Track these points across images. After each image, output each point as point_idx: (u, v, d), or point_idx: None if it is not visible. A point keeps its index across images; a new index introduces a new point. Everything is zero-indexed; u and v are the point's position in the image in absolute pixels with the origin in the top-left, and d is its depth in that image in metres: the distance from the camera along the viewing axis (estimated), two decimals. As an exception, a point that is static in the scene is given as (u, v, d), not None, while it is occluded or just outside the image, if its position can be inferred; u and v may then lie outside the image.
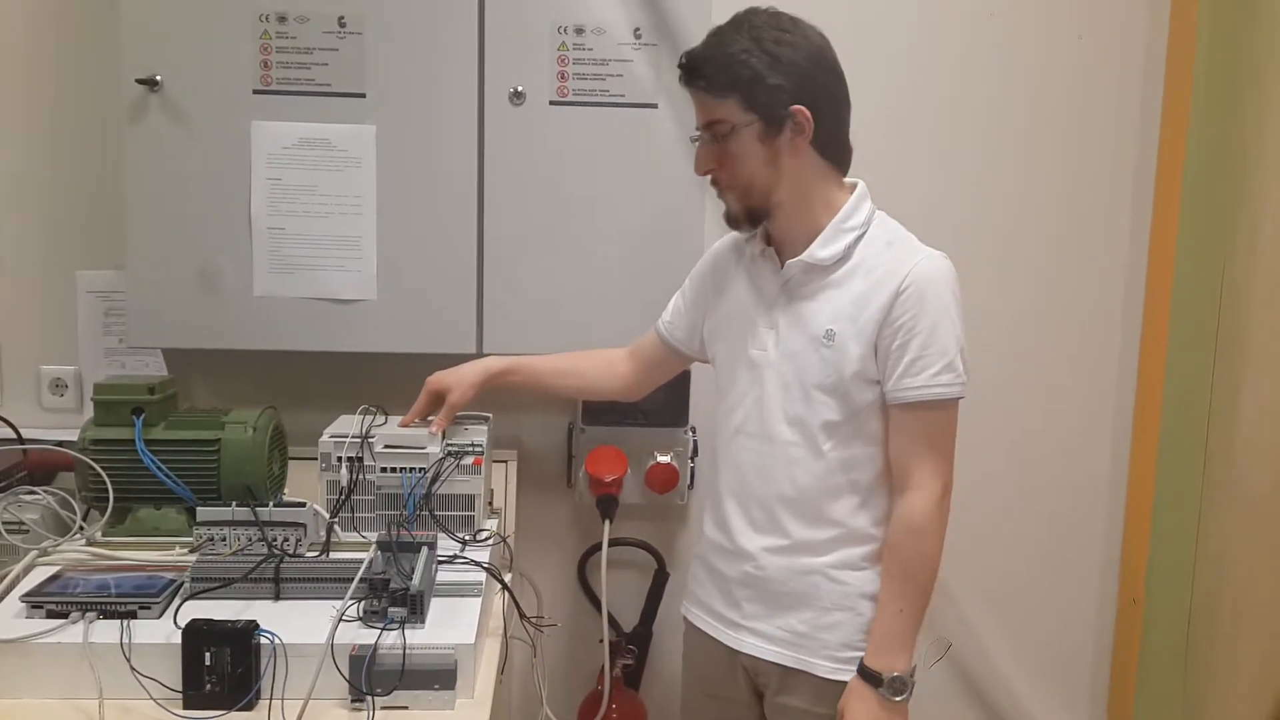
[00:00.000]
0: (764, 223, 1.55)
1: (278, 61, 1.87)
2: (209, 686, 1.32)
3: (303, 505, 1.62)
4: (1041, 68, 2.19)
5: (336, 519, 1.67)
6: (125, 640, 1.34)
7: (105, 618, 1.39)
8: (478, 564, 1.61)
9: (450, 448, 1.71)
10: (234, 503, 1.60)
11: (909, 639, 1.50)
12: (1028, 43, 2.18)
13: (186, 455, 1.68)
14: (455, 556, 1.63)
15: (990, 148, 2.20)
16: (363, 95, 1.89)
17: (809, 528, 1.54)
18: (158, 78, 1.85)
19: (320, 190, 1.90)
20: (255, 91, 1.88)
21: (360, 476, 1.69)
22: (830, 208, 1.53)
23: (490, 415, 1.83)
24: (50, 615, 1.39)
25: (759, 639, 1.58)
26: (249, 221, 1.90)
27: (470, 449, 1.71)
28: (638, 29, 1.91)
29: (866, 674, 1.50)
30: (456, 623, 1.43)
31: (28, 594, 1.41)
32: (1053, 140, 2.21)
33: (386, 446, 1.71)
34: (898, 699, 1.48)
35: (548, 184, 1.93)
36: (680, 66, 1.52)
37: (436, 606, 1.47)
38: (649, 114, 1.93)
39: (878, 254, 1.51)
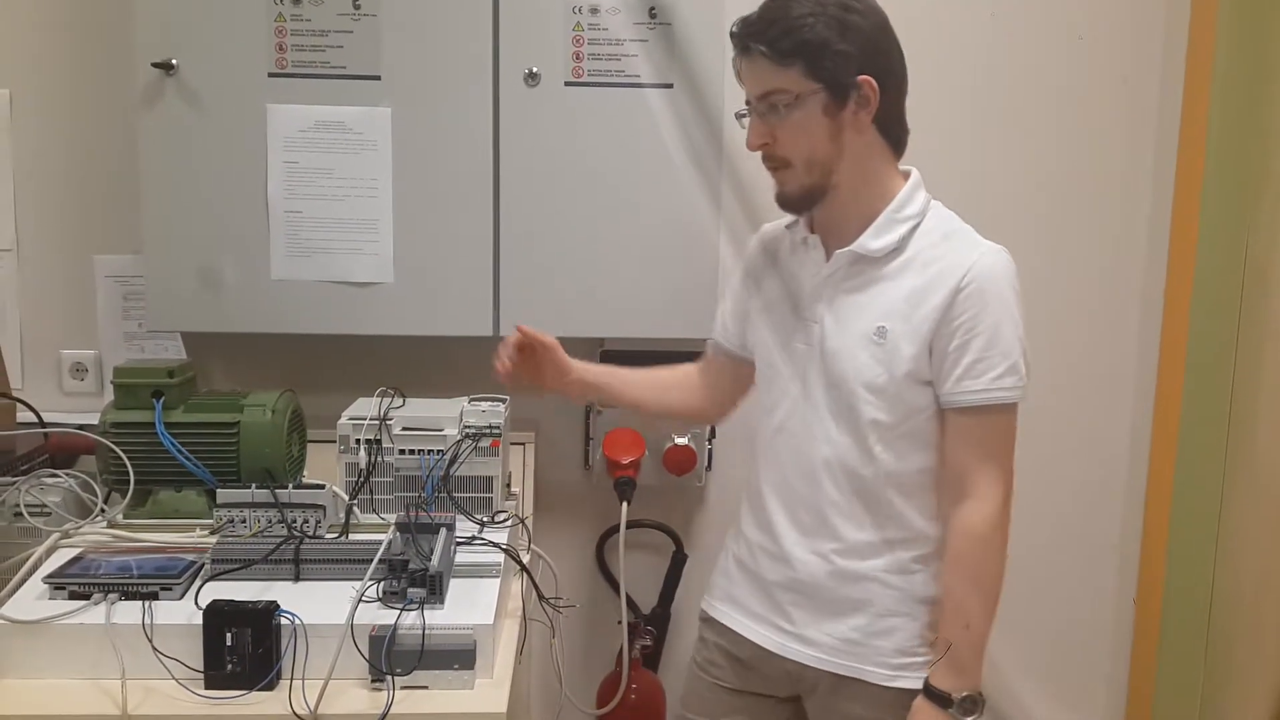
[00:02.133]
0: (817, 206, 1.47)
1: (293, 44, 1.87)
2: (230, 666, 1.33)
3: (322, 487, 1.63)
4: (1057, 58, 2.17)
5: (355, 501, 1.67)
6: (147, 621, 1.35)
7: (127, 599, 1.40)
8: (496, 545, 1.61)
9: (468, 429, 1.71)
10: (253, 485, 1.61)
11: (978, 655, 1.42)
12: (1046, 35, 2.16)
13: (206, 438, 1.69)
14: (474, 538, 1.63)
15: (1009, 137, 2.18)
16: (378, 78, 1.88)
17: (858, 531, 1.47)
18: (173, 62, 1.85)
19: (336, 173, 1.90)
20: (270, 75, 1.87)
21: (379, 458, 1.70)
22: (885, 194, 1.45)
23: (507, 398, 1.83)
24: (73, 596, 1.40)
25: (808, 647, 1.51)
26: (266, 205, 1.90)
27: (488, 431, 1.72)
28: (653, 8, 1.90)
29: (934, 695, 1.42)
30: (475, 603, 1.44)
31: (50, 575, 1.43)
32: (1070, 130, 2.18)
33: (405, 429, 1.71)
34: (968, 719, 1.41)
35: (563, 165, 1.92)
36: (735, 33, 1.42)
37: (455, 587, 1.47)
38: (665, 94, 1.92)
39: (934, 246, 1.42)
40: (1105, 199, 2.21)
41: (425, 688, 1.34)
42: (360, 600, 1.39)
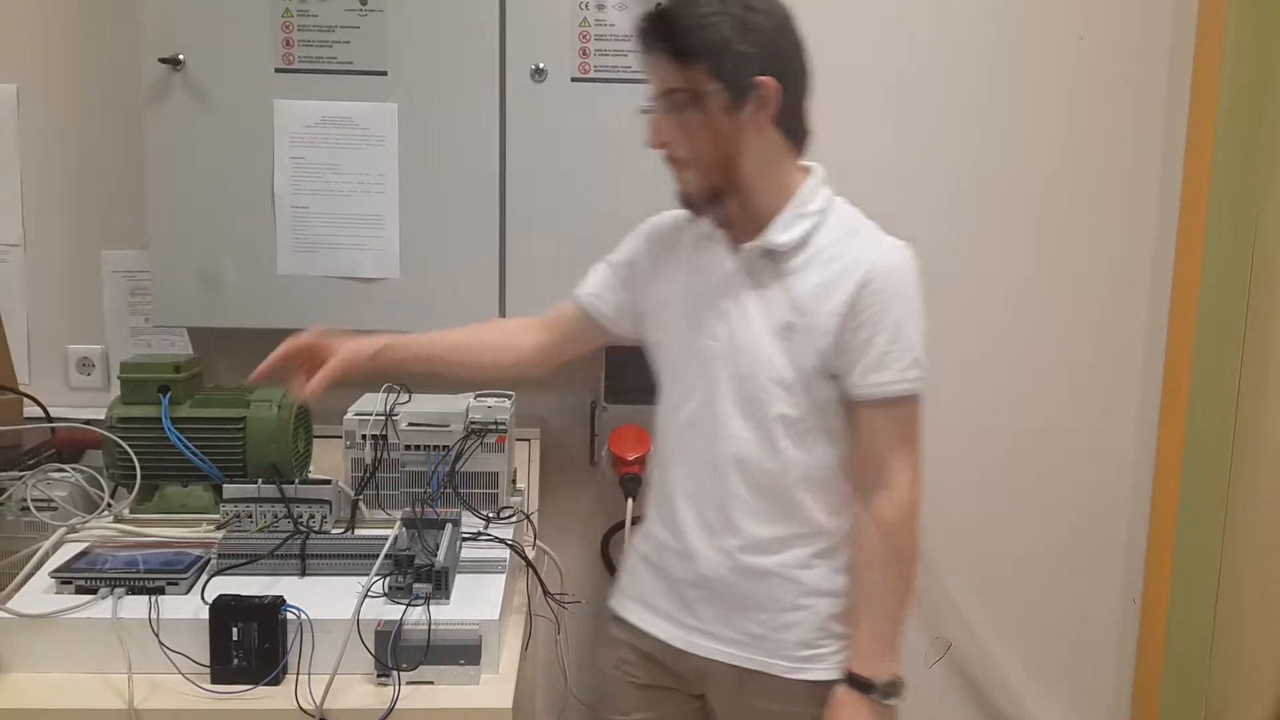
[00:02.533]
0: (720, 205, 1.45)
1: (299, 40, 1.87)
2: (236, 661, 1.33)
3: (328, 483, 1.64)
4: (1057, 59, 2.16)
5: (361, 496, 1.67)
6: (153, 616, 1.35)
7: (133, 593, 1.40)
8: (502, 540, 1.61)
9: (474, 425, 1.71)
10: (260, 480, 1.61)
11: (895, 639, 1.44)
12: (1046, 36, 2.15)
13: (212, 433, 1.69)
14: (479, 533, 1.63)
15: (1016, 138, 2.17)
16: (384, 73, 1.89)
17: (762, 527, 1.46)
18: (180, 57, 1.85)
19: (343, 169, 1.90)
20: (277, 70, 1.88)
21: (384, 454, 1.70)
22: (787, 191, 1.44)
23: (513, 393, 1.83)
24: (79, 591, 1.41)
25: (715, 642, 1.50)
26: (272, 200, 1.90)
27: (494, 427, 1.72)
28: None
29: (857, 682, 1.42)
30: (481, 599, 1.44)
31: (57, 570, 1.43)
32: (1077, 131, 2.18)
33: (410, 424, 1.71)
34: (890, 702, 1.42)
35: (570, 161, 1.92)
36: (640, 29, 1.40)
37: (461, 583, 1.48)
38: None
39: (838, 242, 1.42)
40: (1110, 199, 2.20)
41: (431, 683, 1.34)
42: (366, 595, 1.39)
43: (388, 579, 1.42)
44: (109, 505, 1.67)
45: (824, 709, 1.44)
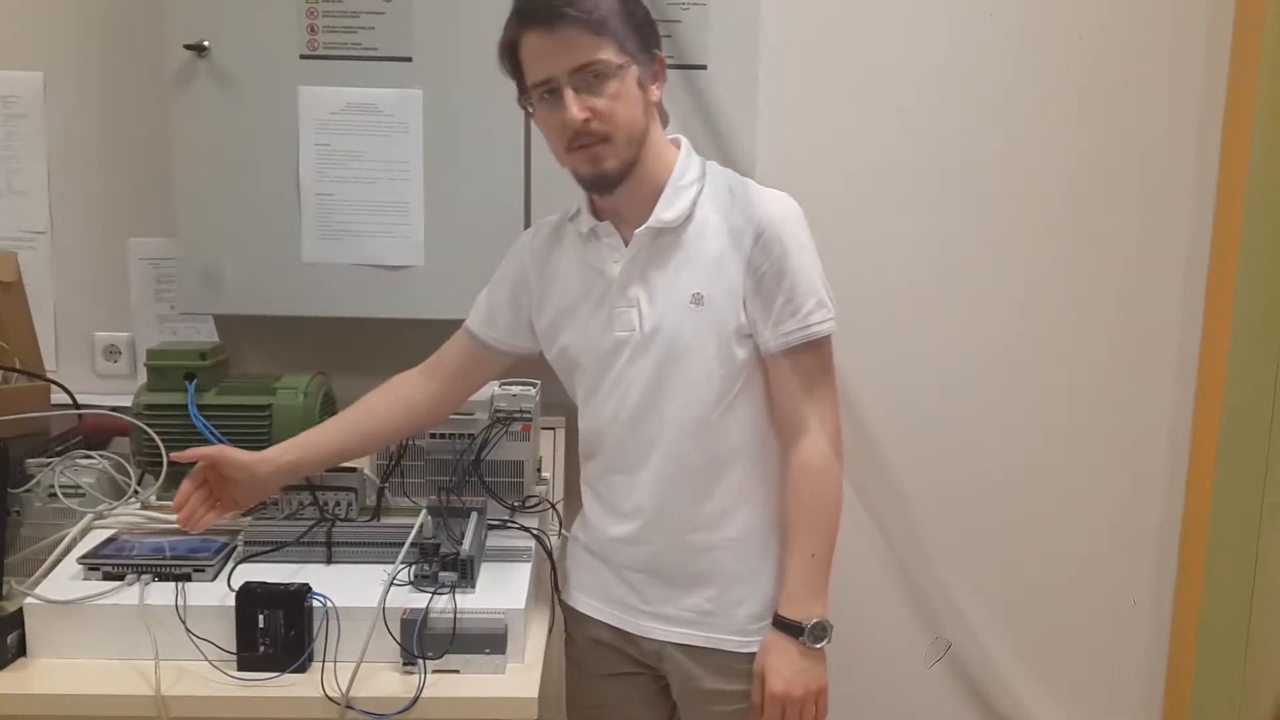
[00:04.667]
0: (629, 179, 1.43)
1: (324, 26, 1.86)
2: (263, 648, 1.33)
3: (354, 470, 1.63)
4: (1102, 54, 2.12)
5: (387, 484, 1.67)
6: (180, 603, 1.36)
7: (160, 580, 1.41)
8: (527, 530, 1.61)
9: (499, 414, 1.70)
10: (286, 467, 1.61)
11: (823, 583, 1.45)
12: (1088, 29, 2.12)
13: (239, 420, 1.69)
14: (505, 522, 1.63)
15: (1049, 135, 2.14)
16: (409, 59, 1.87)
17: (701, 504, 1.47)
18: (205, 44, 1.84)
19: (368, 156, 1.89)
20: (302, 56, 1.87)
21: (410, 442, 1.69)
22: (665, 166, 1.45)
23: (539, 381, 1.82)
24: (107, 577, 1.41)
25: (664, 623, 1.51)
26: (297, 188, 1.89)
27: (519, 415, 1.71)
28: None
29: (784, 625, 1.44)
30: (507, 588, 1.44)
31: (85, 556, 1.44)
32: (1112, 128, 2.14)
33: (436, 412, 1.70)
34: (818, 645, 1.43)
35: (595, 148, 1.90)
36: (542, 5, 1.36)
37: (486, 572, 1.47)
38: (697, 75, 1.90)
39: (722, 206, 1.44)
40: (1144, 197, 2.16)
41: (456, 671, 1.34)
42: (392, 583, 1.38)
43: (413, 567, 1.42)
44: (135, 492, 1.67)
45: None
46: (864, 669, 2.17)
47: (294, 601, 1.33)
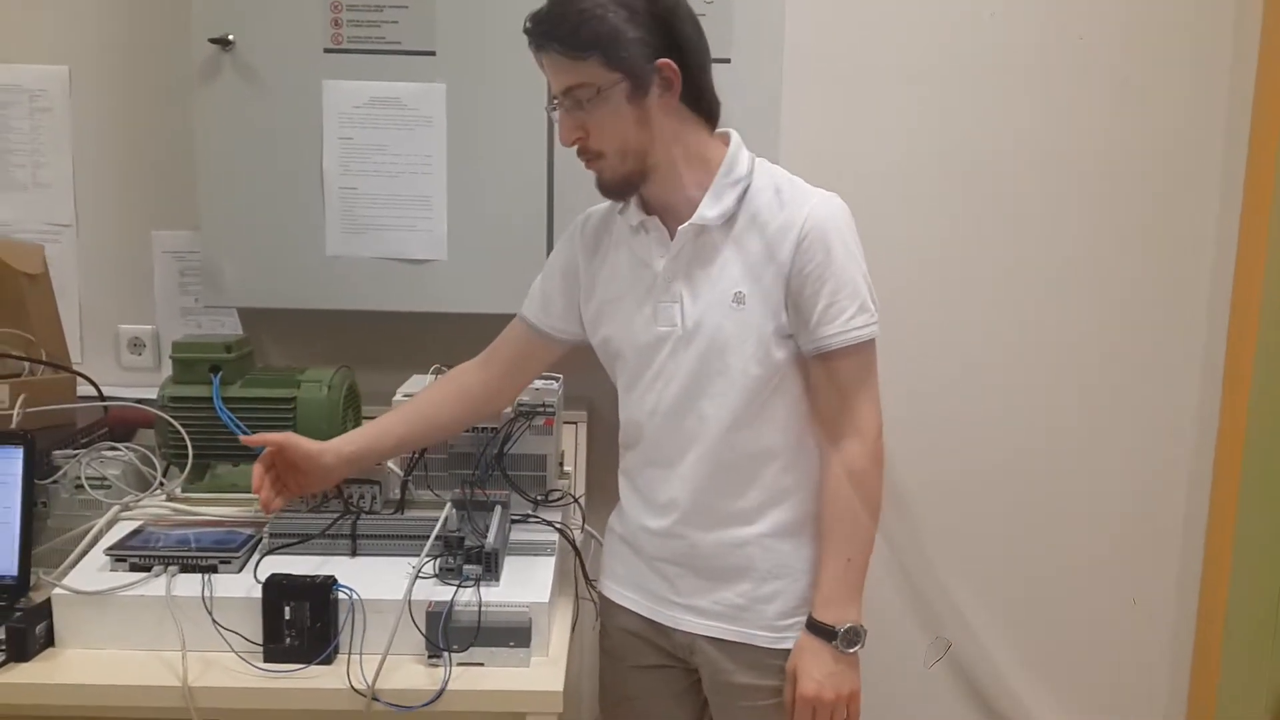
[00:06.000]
0: (640, 189, 1.45)
1: (348, 20, 1.87)
2: (289, 640, 1.33)
3: (378, 463, 1.63)
4: (1130, 49, 2.12)
5: (410, 477, 1.67)
6: (207, 594, 1.36)
7: (186, 571, 1.41)
8: (550, 524, 1.61)
9: (522, 407, 1.70)
10: (310, 460, 1.61)
11: (858, 588, 1.45)
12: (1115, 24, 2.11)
13: (263, 413, 1.69)
14: (528, 516, 1.63)
15: (1075, 131, 2.14)
16: (433, 53, 1.88)
17: (737, 498, 1.48)
18: (230, 37, 1.85)
19: (391, 149, 1.90)
20: (326, 50, 1.88)
21: (433, 439, 1.69)
22: (709, 164, 1.45)
23: (561, 375, 1.82)
24: (133, 569, 1.41)
25: (697, 616, 1.52)
26: (321, 181, 1.90)
27: (542, 409, 1.71)
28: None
29: (818, 628, 1.44)
30: (531, 581, 1.44)
31: (111, 547, 1.44)
32: (1138, 124, 2.14)
33: (459, 406, 1.70)
34: (851, 650, 1.43)
35: (618, 142, 1.90)
36: (528, 31, 1.39)
37: (510, 565, 1.47)
38: (720, 69, 1.88)
39: (768, 205, 1.43)
40: (1170, 195, 2.16)
41: (481, 664, 1.34)
42: (418, 576, 1.39)
43: (438, 560, 1.42)
44: (161, 484, 1.68)
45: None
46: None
47: (320, 594, 1.33)
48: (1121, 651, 2.32)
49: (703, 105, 1.45)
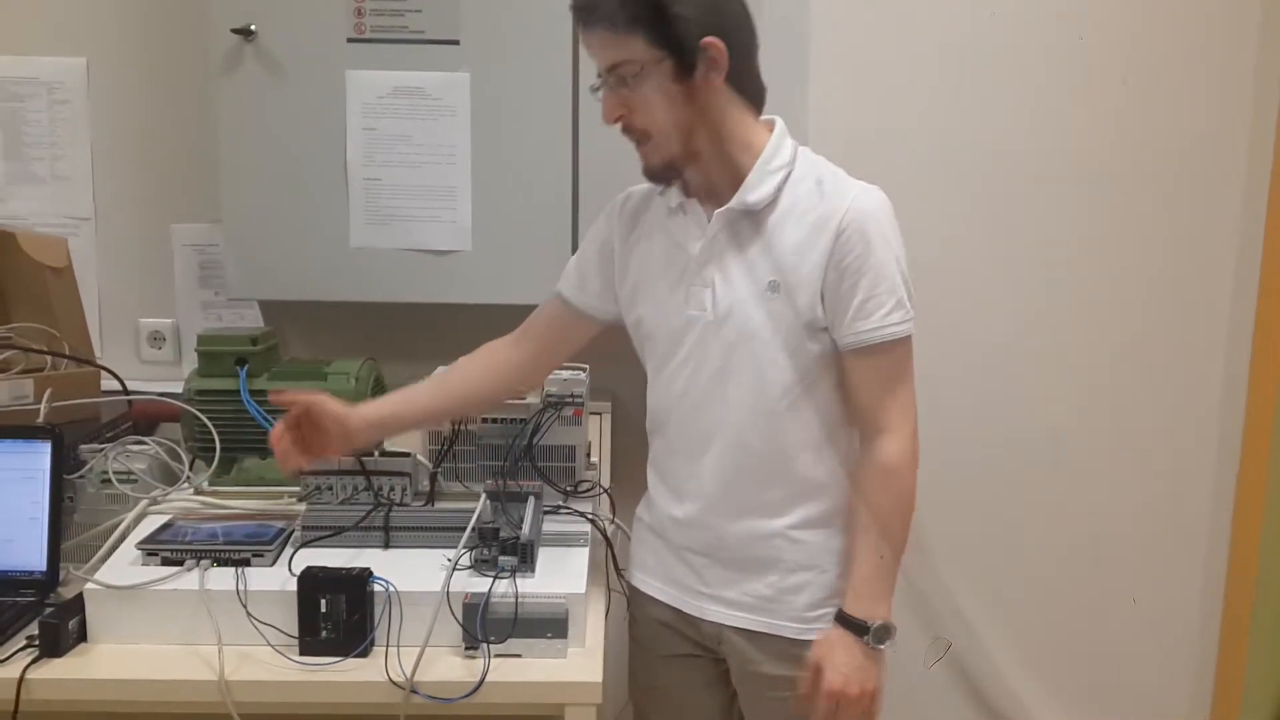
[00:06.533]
0: (685, 173, 1.43)
1: (371, 9, 1.85)
2: (325, 633, 1.33)
3: (406, 455, 1.62)
4: (1152, 44, 2.10)
5: (439, 469, 1.66)
6: (241, 587, 1.35)
7: (219, 565, 1.40)
8: (582, 515, 1.60)
9: (550, 398, 1.69)
10: (339, 452, 1.60)
11: (890, 585, 1.44)
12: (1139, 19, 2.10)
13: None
14: (559, 507, 1.62)
15: (1097, 125, 2.12)
16: (456, 42, 1.86)
17: (765, 489, 1.46)
18: (252, 27, 1.83)
19: (415, 140, 1.88)
20: (349, 40, 1.86)
21: (461, 427, 1.68)
22: (752, 149, 1.42)
23: (587, 366, 1.81)
24: (165, 563, 1.41)
25: (724, 606, 1.50)
26: (344, 172, 1.89)
27: (570, 400, 1.69)
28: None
29: (849, 622, 1.42)
30: (566, 572, 1.43)
31: (143, 541, 1.43)
32: (1164, 119, 2.12)
33: (487, 397, 1.69)
34: (880, 647, 1.41)
35: (643, 131, 1.88)
36: (575, 6, 1.38)
37: (544, 556, 1.47)
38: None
39: (809, 195, 1.40)
40: (1195, 191, 2.14)
41: (519, 656, 1.33)
42: (455, 568, 1.38)
43: (473, 552, 1.41)
44: (188, 478, 1.67)
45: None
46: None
47: (356, 586, 1.32)
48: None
49: (749, 88, 1.43)
